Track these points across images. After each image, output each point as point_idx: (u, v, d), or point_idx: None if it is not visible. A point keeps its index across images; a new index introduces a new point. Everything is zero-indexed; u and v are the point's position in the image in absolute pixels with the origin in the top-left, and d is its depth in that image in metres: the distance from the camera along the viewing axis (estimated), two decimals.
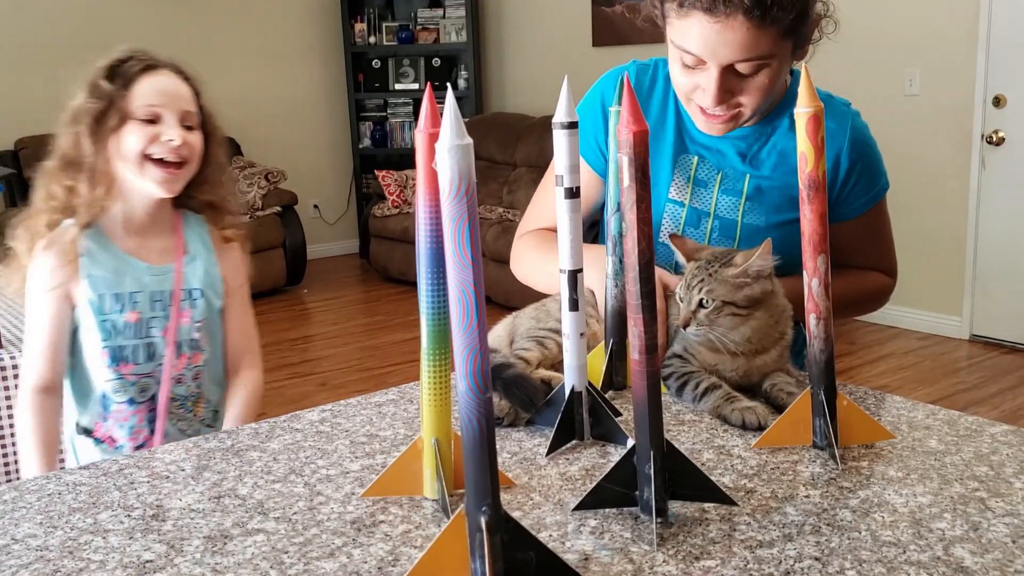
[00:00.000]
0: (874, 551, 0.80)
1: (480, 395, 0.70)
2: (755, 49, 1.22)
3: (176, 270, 1.58)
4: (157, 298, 1.56)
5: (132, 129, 1.50)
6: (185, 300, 1.59)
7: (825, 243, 0.98)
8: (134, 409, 1.55)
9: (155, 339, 1.55)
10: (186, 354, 1.58)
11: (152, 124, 1.51)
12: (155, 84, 1.53)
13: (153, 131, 1.51)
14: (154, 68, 1.54)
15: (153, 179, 1.51)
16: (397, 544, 0.84)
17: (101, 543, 0.86)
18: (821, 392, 1.01)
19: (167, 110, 1.52)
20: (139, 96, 1.51)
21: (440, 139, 0.67)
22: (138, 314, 1.54)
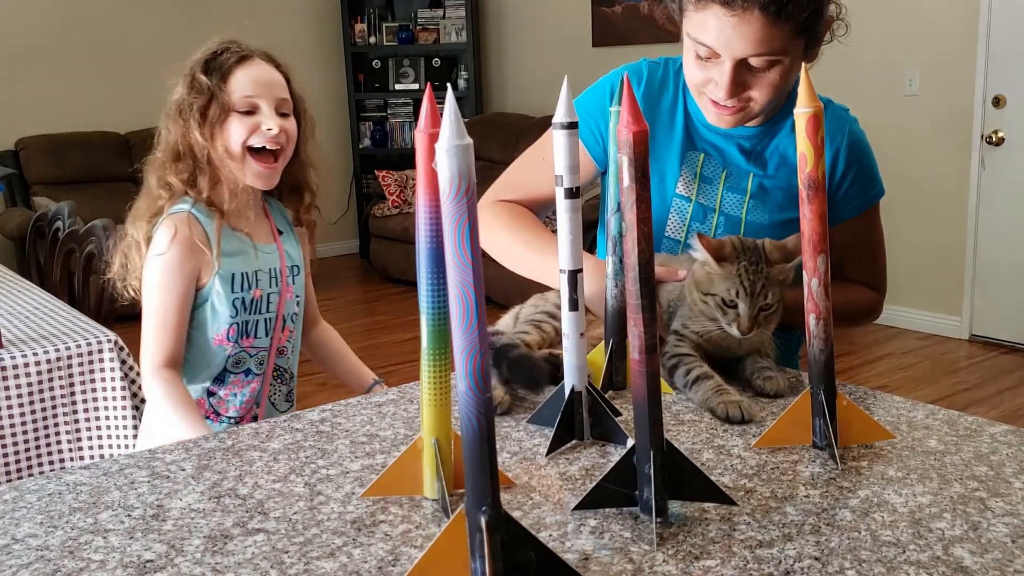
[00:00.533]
0: (874, 551, 0.81)
1: (480, 395, 0.70)
2: (768, 44, 1.23)
3: (279, 247, 1.69)
4: (273, 275, 1.66)
5: (233, 121, 1.57)
6: (289, 276, 1.70)
7: (825, 243, 0.98)
8: (249, 380, 1.66)
9: (271, 315, 1.66)
10: (289, 327, 1.71)
11: (250, 115, 1.58)
12: (250, 75, 1.59)
13: (252, 122, 1.58)
14: (248, 58, 1.61)
15: (252, 173, 1.59)
16: (397, 544, 0.85)
17: (101, 543, 0.86)
18: (821, 392, 1.01)
19: (263, 100, 1.58)
20: (237, 88, 1.58)
21: (440, 139, 0.67)
22: (260, 291, 1.64)
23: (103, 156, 5.76)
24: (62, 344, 1.97)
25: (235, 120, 1.58)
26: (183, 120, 1.58)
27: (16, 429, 1.91)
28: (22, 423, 1.91)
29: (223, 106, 1.57)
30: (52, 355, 1.94)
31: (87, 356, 1.98)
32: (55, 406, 1.95)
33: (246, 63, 1.60)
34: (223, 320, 1.61)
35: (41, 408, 1.94)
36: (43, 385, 1.94)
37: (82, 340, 1.99)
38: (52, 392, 1.95)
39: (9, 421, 1.90)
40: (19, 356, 1.91)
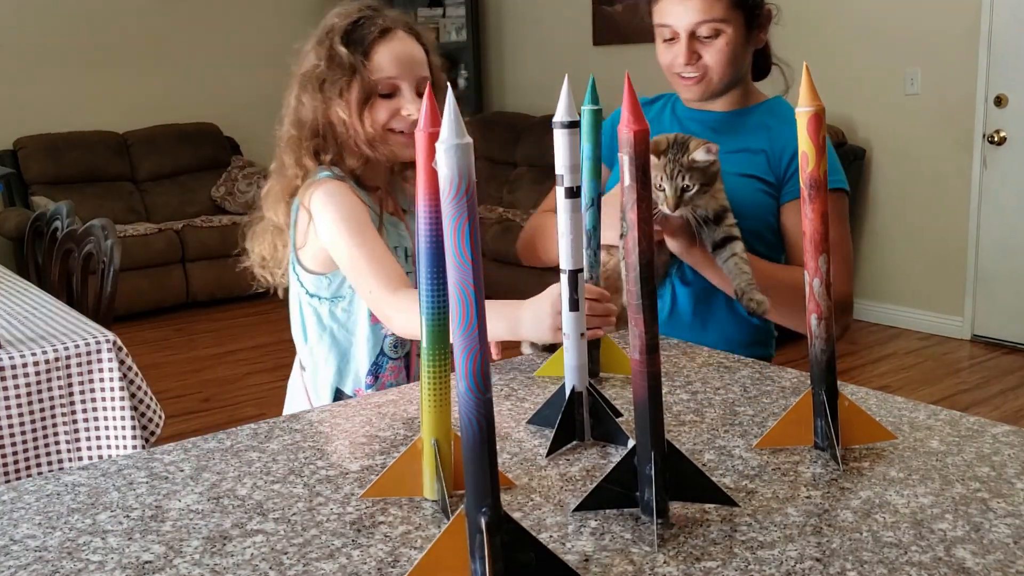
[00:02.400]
0: (875, 552, 0.80)
1: (480, 395, 0.69)
2: (709, 12, 1.53)
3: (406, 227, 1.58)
4: (408, 253, 1.55)
5: (375, 103, 1.48)
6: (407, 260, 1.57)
7: (826, 243, 0.98)
8: (403, 364, 1.55)
9: None
10: None
11: (391, 96, 1.48)
12: (393, 51, 1.48)
13: (394, 105, 1.48)
14: (390, 31, 1.49)
15: (400, 145, 1.49)
16: (397, 545, 0.84)
17: (100, 544, 0.86)
18: (822, 392, 1.00)
19: (405, 80, 1.48)
20: (379, 67, 1.47)
21: (440, 138, 0.67)
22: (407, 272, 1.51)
23: (102, 156, 5.76)
24: (60, 344, 1.96)
25: (377, 101, 1.48)
26: (323, 95, 1.47)
27: (14, 430, 1.91)
28: (20, 424, 1.91)
29: (367, 86, 1.46)
30: (50, 355, 1.94)
31: (85, 356, 1.98)
32: (53, 407, 1.95)
33: (388, 37, 1.49)
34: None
35: (39, 409, 1.94)
36: (41, 386, 1.93)
37: (80, 340, 1.99)
38: (50, 393, 1.94)
39: (7, 422, 1.90)
40: (17, 356, 1.91)
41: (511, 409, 1.18)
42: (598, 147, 1.15)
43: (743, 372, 1.29)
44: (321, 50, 1.49)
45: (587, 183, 1.21)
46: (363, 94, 1.46)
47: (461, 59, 6.80)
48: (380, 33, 1.48)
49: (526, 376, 1.31)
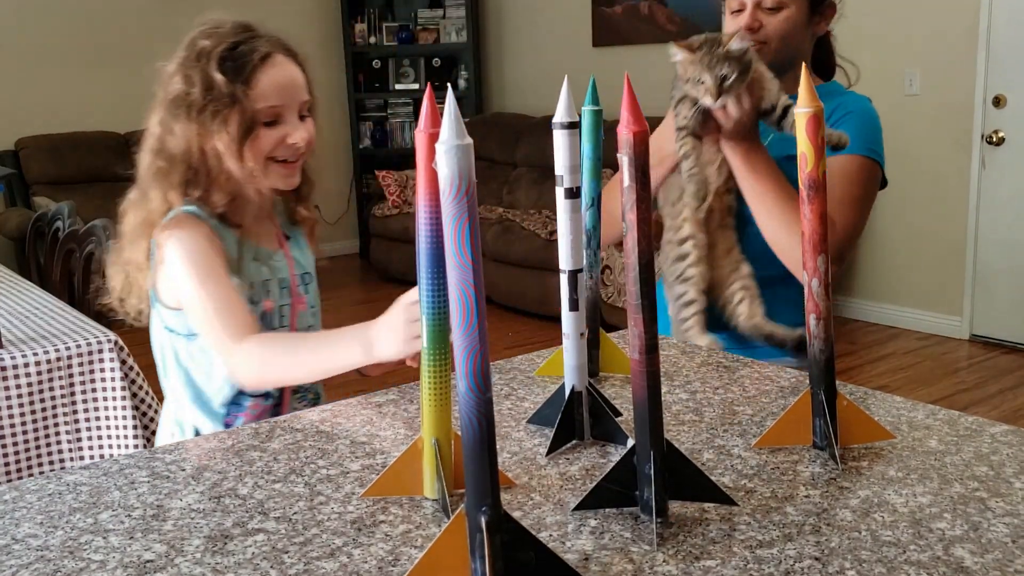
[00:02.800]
0: (874, 551, 0.81)
1: (480, 395, 0.70)
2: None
3: (286, 255, 1.50)
4: (284, 285, 1.48)
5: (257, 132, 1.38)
6: (300, 285, 1.51)
7: (825, 243, 0.98)
8: (268, 404, 1.45)
9: (284, 328, 1.47)
10: None
11: (274, 125, 1.40)
12: (275, 78, 1.39)
13: (278, 134, 1.40)
14: (270, 56, 1.40)
15: (278, 176, 1.42)
16: (397, 544, 0.85)
17: (101, 543, 0.86)
18: (821, 392, 1.01)
19: (288, 107, 1.41)
20: (262, 96, 1.37)
21: (440, 139, 0.67)
22: (272, 302, 1.46)
23: (103, 156, 5.76)
24: (62, 344, 1.97)
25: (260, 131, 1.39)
26: (199, 126, 1.36)
27: (16, 429, 1.91)
28: (22, 423, 1.91)
29: (249, 116, 1.36)
30: (52, 355, 1.94)
31: (87, 356, 1.98)
32: (55, 406, 1.95)
33: (269, 63, 1.39)
34: None
35: (41, 408, 1.94)
36: (43, 385, 1.94)
37: (82, 340, 1.99)
38: (52, 392, 1.95)
39: (9, 421, 1.90)
40: (19, 356, 1.91)
41: (511, 409, 1.18)
42: (598, 147, 1.15)
43: (742, 372, 1.29)
44: (193, 75, 1.37)
45: (587, 183, 1.21)
46: (245, 125, 1.36)
47: (461, 60, 6.81)
48: (261, 59, 1.39)
49: (526, 376, 1.31)
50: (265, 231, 1.50)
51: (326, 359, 1.29)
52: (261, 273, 1.45)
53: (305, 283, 1.53)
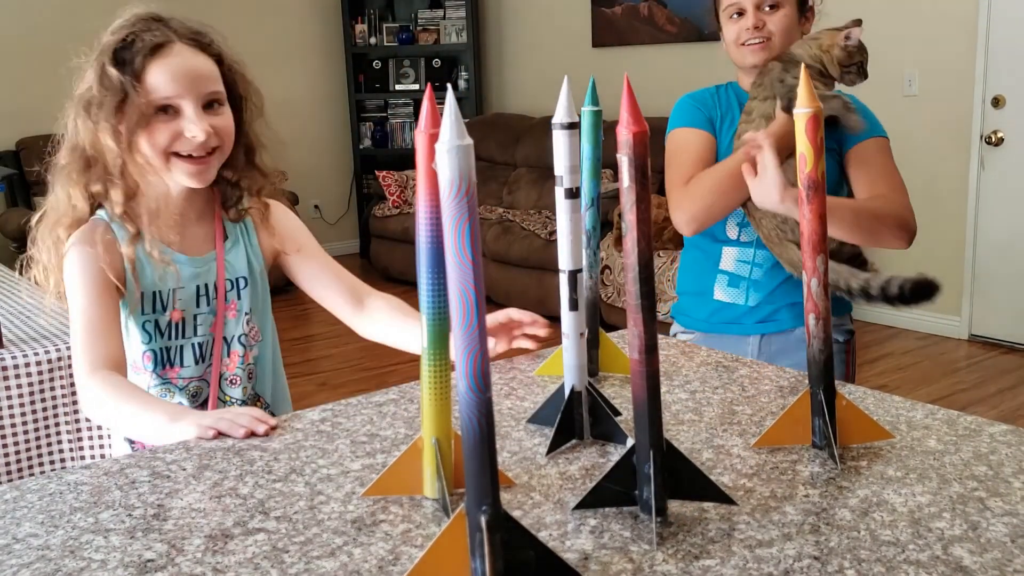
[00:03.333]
0: (873, 550, 0.81)
1: (480, 395, 0.70)
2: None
3: (218, 259, 1.43)
4: (202, 292, 1.41)
5: (152, 126, 1.33)
6: (231, 291, 1.43)
7: (825, 243, 0.98)
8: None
9: (203, 338, 1.41)
10: (236, 351, 1.43)
11: (172, 116, 1.33)
12: (169, 68, 1.32)
13: (175, 127, 1.33)
14: (163, 46, 1.33)
15: (182, 172, 1.35)
16: (397, 543, 0.85)
17: (102, 542, 0.87)
18: (820, 392, 1.01)
19: (186, 99, 1.33)
20: (153, 87, 1.31)
21: (440, 139, 0.68)
22: (181, 312, 1.39)
23: None
24: (63, 344, 1.97)
25: (154, 123, 1.32)
26: (93, 120, 1.32)
27: (17, 429, 1.91)
28: (23, 423, 1.92)
29: (140, 109, 1.31)
30: (53, 355, 1.94)
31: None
32: (56, 406, 1.96)
33: (163, 53, 1.32)
34: (135, 348, 1.38)
35: (42, 408, 1.94)
36: (44, 385, 1.94)
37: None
38: (53, 392, 1.95)
39: (10, 421, 1.90)
40: (20, 356, 1.91)
41: (511, 408, 1.18)
42: (598, 148, 1.15)
43: (741, 371, 1.30)
44: (93, 71, 1.35)
45: (587, 183, 1.21)
46: (134, 119, 1.31)
47: (461, 60, 6.81)
48: (152, 50, 1.33)
49: (526, 376, 1.32)
50: (198, 233, 1.43)
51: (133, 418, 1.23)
52: (166, 282, 1.38)
53: (238, 288, 1.44)
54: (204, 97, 1.35)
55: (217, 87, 1.37)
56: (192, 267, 1.41)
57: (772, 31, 1.79)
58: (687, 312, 1.90)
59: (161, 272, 1.38)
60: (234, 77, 1.41)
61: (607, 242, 4.49)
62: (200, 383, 1.42)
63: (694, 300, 1.88)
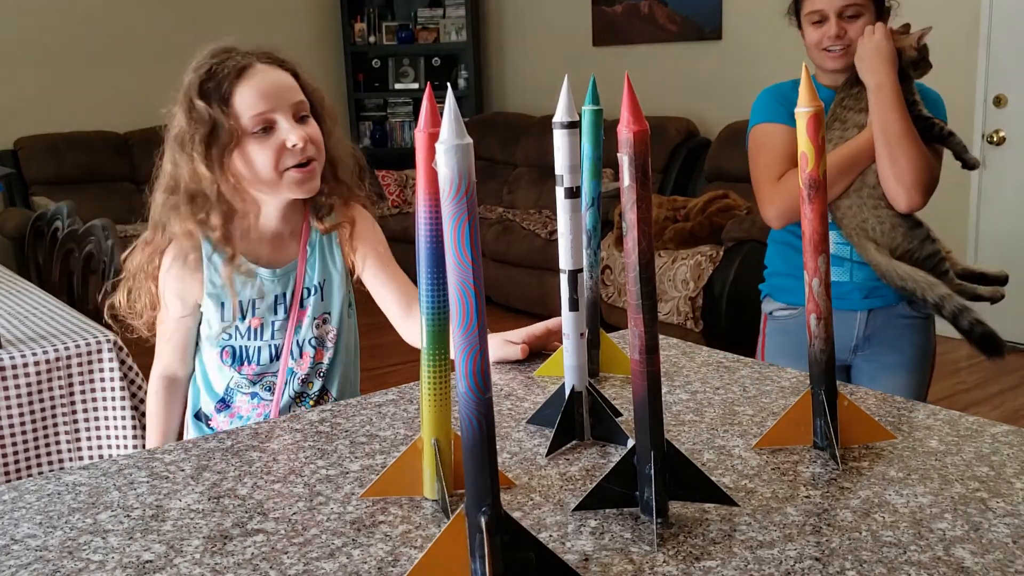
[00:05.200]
0: (874, 551, 0.80)
1: (480, 395, 0.70)
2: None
3: (298, 271, 1.52)
4: (280, 302, 1.51)
5: (253, 146, 1.40)
6: (307, 298, 1.53)
7: (825, 243, 0.98)
8: (257, 403, 1.53)
9: (278, 340, 1.51)
10: (308, 353, 1.53)
11: (269, 133, 1.40)
12: (257, 87, 1.40)
13: (276, 141, 1.40)
14: (246, 69, 1.41)
15: (293, 184, 1.43)
16: (397, 544, 0.84)
17: (101, 543, 0.86)
18: (822, 392, 1.00)
19: (278, 112, 1.40)
20: (244, 108, 1.39)
21: (440, 139, 0.67)
22: (260, 319, 1.51)
23: (102, 156, 5.75)
24: (61, 344, 1.96)
25: (254, 144, 1.40)
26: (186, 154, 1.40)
27: (15, 429, 1.91)
28: (21, 423, 1.91)
29: (232, 133, 1.39)
30: (51, 355, 1.94)
31: (86, 356, 1.98)
32: (54, 406, 1.95)
33: (246, 75, 1.40)
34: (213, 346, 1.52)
35: (40, 408, 1.94)
36: (42, 385, 1.94)
37: (81, 340, 1.99)
38: (51, 392, 1.95)
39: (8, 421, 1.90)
40: (18, 356, 1.91)
41: (511, 409, 1.18)
42: (598, 147, 1.15)
43: (742, 372, 1.29)
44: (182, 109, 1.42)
45: (587, 183, 1.21)
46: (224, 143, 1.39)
47: (461, 59, 6.81)
48: (236, 74, 1.40)
49: (526, 376, 1.31)
50: (287, 248, 1.53)
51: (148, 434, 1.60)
52: (246, 293, 1.49)
53: (312, 294, 1.53)
54: (294, 108, 1.43)
55: (301, 97, 1.45)
56: (273, 279, 1.51)
57: (852, 38, 1.92)
58: (789, 289, 2.05)
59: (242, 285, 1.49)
60: (312, 93, 1.49)
61: (608, 242, 4.49)
62: (273, 378, 1.53)
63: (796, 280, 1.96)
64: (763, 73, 5.07)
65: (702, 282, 4.19)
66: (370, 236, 1.59)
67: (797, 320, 2.05)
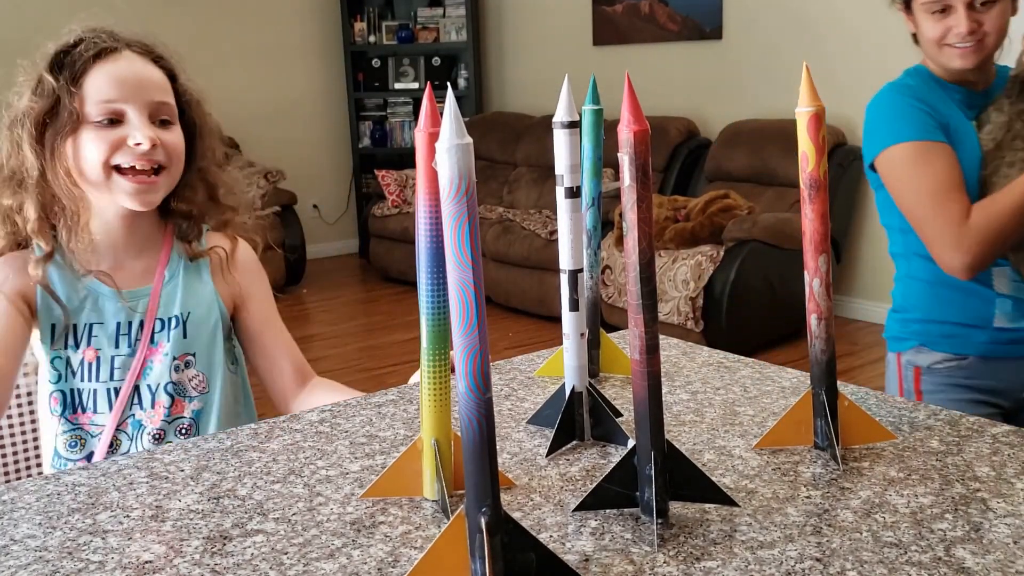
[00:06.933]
0: (875, 552, 0.80)
1: (480, 395, 0.69)
2: None
3: (152, 294, 1.29)
4: (124, 331, 1.27)
5: (88, 135, 1.21)
6: (160, 332, 1.29)
7: (826, 243, 0.98)
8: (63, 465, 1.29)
9: (120, 383, 1.27)
10: (162, 402, 1.28)
11: (114, 126, 1.22)
12: (113, 73, 1.22)
13: (116, 135, 1.21)
14: (111, 52, 1.24)
15: (123, 191, 1.23)
16: (397, 545, 0.84)
17: (100, 544, 0.86)
18: (822, 392, 1.00)
19: (131, 105, 1.22)
20: (94, 91, 1.21)
21: (440, 138, 0.67)
22: (96, 351, 1.26)
23: None
24: None
25: (91, 132, 1.21)
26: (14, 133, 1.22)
27: (15, 429, 1.91)
28: (20, 423, 1.91)
29: (73, 115, 1.19)
30: None
31: None
32: None
33: (109, 58, 1.23)
34: (45, 385, 1.29)
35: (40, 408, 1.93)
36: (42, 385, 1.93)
37: None
38: None
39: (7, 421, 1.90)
40: None
41: (511, 409, 1.18)
42: (599, 147, 1.15)
43: (743, 372, 1.29)
44: (27, 80, 1.24)
45: (587, 183, 1.21)
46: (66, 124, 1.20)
47: (461, 59, 6.81)
48: (96, 55, 1.23)
49: (526, 376, 1.31)
50: (133, 266, 1.31)
51: None
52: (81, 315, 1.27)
53: (170, 328, 1.30)
54: (152, 107, 1.24)
55: (167, 99, 1.27)
56: (116, 301, 1.28)
57: (988, 31, 1.63)
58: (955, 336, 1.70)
59: (77, 303, 1.26)
60: (188, 100, 1.32)
61: (608, 242, 4.49)
62: (119, 433, 1.29)
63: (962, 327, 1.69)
64: (763, 73, 5.08)
65: (703, 282, 4.19)
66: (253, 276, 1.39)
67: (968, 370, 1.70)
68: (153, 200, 1.27)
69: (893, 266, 1.85)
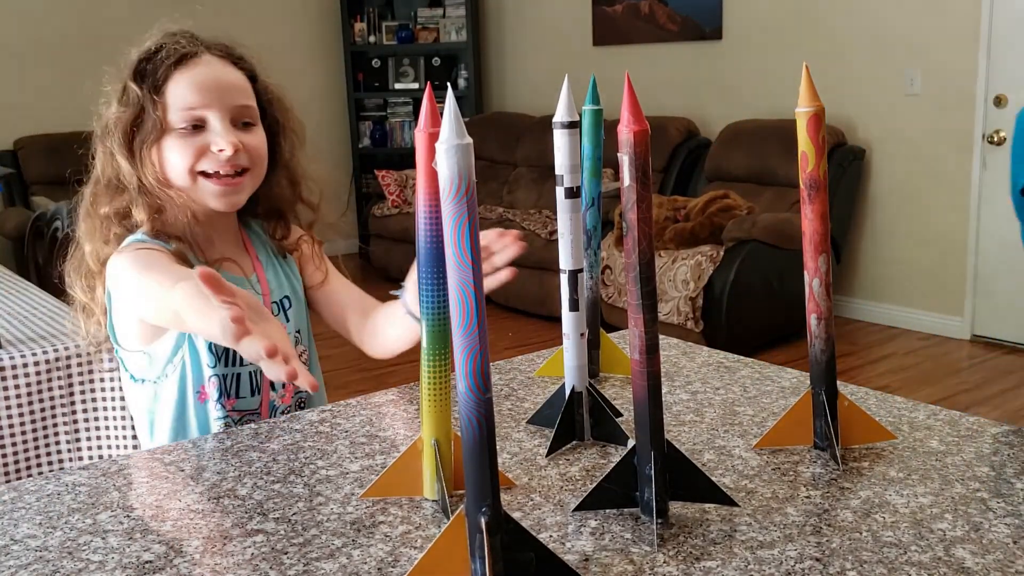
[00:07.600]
0: (875, 552, 0.80)
1: (480, 395, 0.70)
2: None
3: (260, 280, 1.32)
4: None
5: (173, 142, 1.22)
6: (278, 314, 1.32)
7: (826, 243, 0.98)
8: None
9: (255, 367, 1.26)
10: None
11: (197, 132, 1.23)
12: (194, 79, 1.23)
13: (199, 141, 1.22)
14: (190, 57, 1.24)
15: (209, 194, 1.24)
16: (397, 545, 0.84)
17: (100, 543, 0.86)
18: (822, 392, 1.00)
19: (213, 110, 1.22)
20: (176, 99, 1.22)
21: (440, 139, 0.67)
22: None
23: None
24: (60, 344, 1.96)
25: (175, 140, 1.22)
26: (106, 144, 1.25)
27: (15, 429, 1.91)
28: (20, 424, 1.91)
29: (155, 124, 1.21)
30: (51, 355, 1.94)
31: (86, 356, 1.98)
32: (54, 407, 1.95)
33: (188, 64, 1.23)
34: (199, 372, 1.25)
35: (40, 408, 1.94)
36: (42, 386, 1.93)
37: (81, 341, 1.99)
38: (51, 392, 1.94)
39: (8, 422, 1.90)
40: (18, 356, 1.91)
41: (511, 409, 1.18)
42: (599, 147, 1.15)
43: (743, 372, 1.29)
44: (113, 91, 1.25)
45: (588, 183, 1.21)
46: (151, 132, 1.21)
47: (461, 59, 6.80)
48: (177, 61, 1.22)
49: (526, 376, 1.31)
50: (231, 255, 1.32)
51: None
52: None
53: (284, 308, 1.35)
54: (233, 111, 1.25)
55: (248, 101, 1.27)
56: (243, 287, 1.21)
57: None
58: None
59: None
60: (269, 99, 1.33)
61: (608, 242, 4.49)
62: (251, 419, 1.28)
63: None
64: (763, 73, 5.08)
65: (702, 282, 4.19)
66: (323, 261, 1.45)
67: None
68: (238, 201, 1.29)
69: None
